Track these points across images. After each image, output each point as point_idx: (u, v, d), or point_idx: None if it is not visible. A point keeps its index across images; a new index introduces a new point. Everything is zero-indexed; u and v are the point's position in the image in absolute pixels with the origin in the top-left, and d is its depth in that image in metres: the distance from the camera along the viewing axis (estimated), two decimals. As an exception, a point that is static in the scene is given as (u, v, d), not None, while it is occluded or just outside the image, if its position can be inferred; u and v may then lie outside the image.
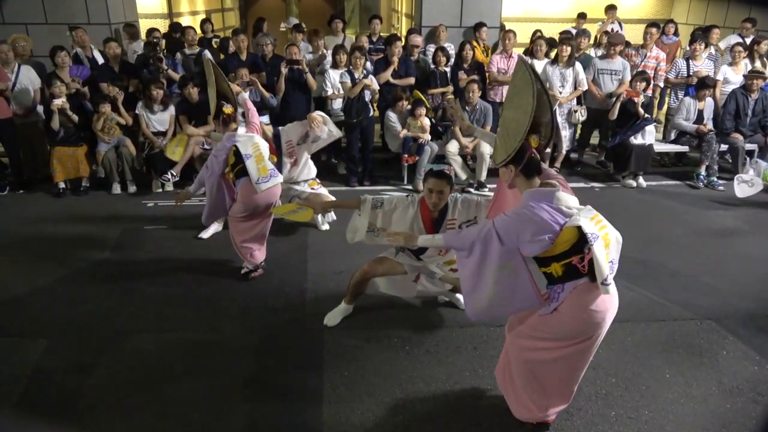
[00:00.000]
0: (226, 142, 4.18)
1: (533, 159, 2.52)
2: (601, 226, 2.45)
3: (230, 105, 4.19)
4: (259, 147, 4.20)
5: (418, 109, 6.36)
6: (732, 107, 6.74)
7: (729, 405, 3.13)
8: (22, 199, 6.18)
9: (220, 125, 4.23)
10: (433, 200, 3.37)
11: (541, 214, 2.45)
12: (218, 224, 5.24)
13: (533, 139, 2.51)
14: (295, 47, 6.54)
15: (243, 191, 4.22)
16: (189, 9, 12.78)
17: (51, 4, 7.60)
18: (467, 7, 7.96)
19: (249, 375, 3.33)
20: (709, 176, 6.71)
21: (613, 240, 2.46)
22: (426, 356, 3.51)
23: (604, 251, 2.40)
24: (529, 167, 2.52)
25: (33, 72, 6.34)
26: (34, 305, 4.04)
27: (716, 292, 4.29)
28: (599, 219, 2.49)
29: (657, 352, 3.57)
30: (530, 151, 2.51)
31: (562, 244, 2.47)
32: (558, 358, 2.67)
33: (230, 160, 4.18)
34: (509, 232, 2.51)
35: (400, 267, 3.70)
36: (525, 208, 2.48)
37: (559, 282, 2.58)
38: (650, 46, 7.21)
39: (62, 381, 3.26)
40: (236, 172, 4.20)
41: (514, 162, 2.54)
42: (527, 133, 2.45)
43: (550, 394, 2.80)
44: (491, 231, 2.53)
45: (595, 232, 2.40)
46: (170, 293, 4.22)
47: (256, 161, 4.15)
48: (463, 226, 3.45)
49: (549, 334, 2.66)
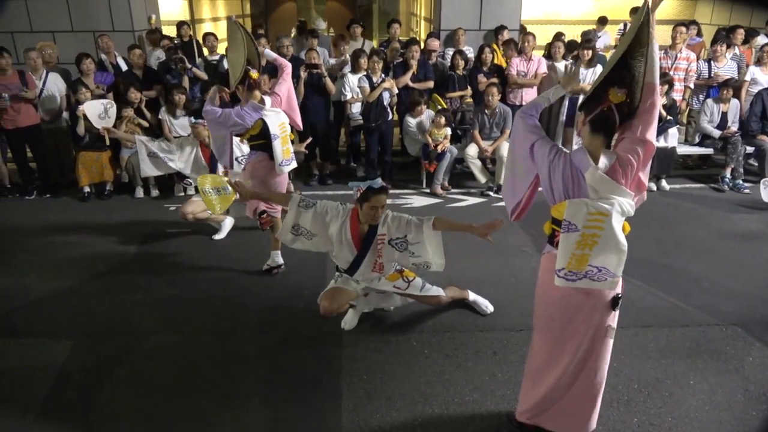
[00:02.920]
0: (251, 112, 4.03)
1: (604, 114, 2.33)
2: (594, 226, 2.28)
3: (257, 71, 4.08)
4: (285, 127, 4.13)
5: (440, 119, 6.35)
6: (759, 108, 6.60)
7: (755, 413, 3.06)
8: (49, 203, 6.32)
9: (245, 91, 4.08)
10: (375, 216, 3.36)
11: (563, 174, 2.40)
12: (230, 223, 5.28)
13: (614, 92, 2.31)
14: (314, 52, 6.59)
15: (256, 165, 4.15)
16: (210, 15, 12.95)
17: (77, 12, 7.77)
18: (486, 11, 7.93)
19: (268, 378, 3.36)
20: (734, 179, 6.58)
21: (601, 247, 2.30)
22: (445, 360, 3.50)
23: (572, 247, 2.31)
24: (596, 121, 2.35)
25: (60, 79, 6.50)
26: (59, 307, 4.12)
27: (741, 297, 4.20)
28: (602, 221, 2.29)
29: (680, 358, 3.51)
30: (606, 103, 2.32)
31: (557, 210, 2.45)
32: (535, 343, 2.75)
33: (253, 131, 4.08)
34: (540, 154, 2.50)
35: (352, 291, 3.64)
36: (563, 156, 2.44)
37: (548, 242, 2.60)
38: (680, 47, 7.02)
39: (85, 382, 3.32)
40: (252, 145, 4.11)
41: (584, 108, 2.42)
42: (610, 81, 2.31)
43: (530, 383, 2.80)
44: (535, 138, 2.53)
45: (574, 224, 2.29)
46: (191, 296, 4.27)
47: (282, 142, 4.08)
48: (393, 242, 3.46)
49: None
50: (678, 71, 6.94)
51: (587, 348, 2.57)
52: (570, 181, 2.41)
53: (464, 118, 6.90)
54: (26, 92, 6.03)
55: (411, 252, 3.47)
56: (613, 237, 2.30)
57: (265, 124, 4.08)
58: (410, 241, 3.44)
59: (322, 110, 6.70)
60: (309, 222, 3.48)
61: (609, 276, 2.35)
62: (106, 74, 6.78)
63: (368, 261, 3.53)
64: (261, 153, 4.19)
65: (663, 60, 7.01)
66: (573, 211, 2.31)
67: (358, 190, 3.38)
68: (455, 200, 6.28)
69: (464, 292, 4.00)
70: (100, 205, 6.21)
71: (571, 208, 2.31)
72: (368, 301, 3.83)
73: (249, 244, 5.01)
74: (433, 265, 3.46)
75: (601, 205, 2.31)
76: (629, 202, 2.37)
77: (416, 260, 3.50)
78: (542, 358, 2.71)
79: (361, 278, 3.61)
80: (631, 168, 2.36)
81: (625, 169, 2.36)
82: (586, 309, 2.51)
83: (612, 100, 2.31)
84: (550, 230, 2.57)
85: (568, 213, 2.30)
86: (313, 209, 3.48)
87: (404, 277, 3.72)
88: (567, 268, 2.35)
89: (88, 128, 6.15)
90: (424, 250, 3.43)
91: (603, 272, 2.34)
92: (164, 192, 6.44)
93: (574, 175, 2.40)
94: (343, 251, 3.53)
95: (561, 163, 2.43)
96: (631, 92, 2.33)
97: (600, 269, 2.33)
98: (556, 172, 2.44)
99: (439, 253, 3.43)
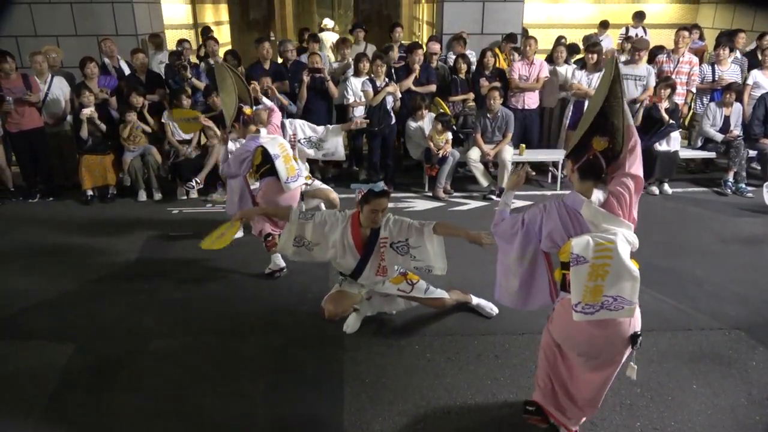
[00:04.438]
0: (249, 143, 4.21)
1: (590, 161, 2.44)
2: (603, 256, 2.31)
3: (249, 106, 4.24)
4: (285, 147, 4.28)
5: (437, 125, 6.35)
6: (761, 112, 6.59)
7: (758, 417, 3.05)
8: (52, 205, 6.34)
9: (240, 127, 4.28)
10: (376, 219, 3.37)
11: (560, 216, 2.46)
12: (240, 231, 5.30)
13: (597, 140, 2.42)
14: (317, 56, 6.61)
15: (266, 190, 4.29)
16: (214, 19, 13.00)
17: (80, 17, 7.82)
18: (489, 15, 7.95)
19: (270, 381, 3.36)
20: (737, 183, 6.57)
21: (614, 276, 2.31)
22: (447, 364, 3.49)
23: (584, 279, 2.32)
24: (584, 168, 2.46)
25: (65, 82, 6.54)
26: (63, 309, 4.13)
27: (745, 301, 4.19)
28: (609, 249, 2.30)
29: (683, 362, 3.50)
30: (591, 152, 2.43)
31: (564, 253, 2.46)
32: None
33: (256, 160, 4.22)
34: (534, 220, 2.58)
35: (356, 295, 3.66)
36: (554, 202, 2.51)
37: (562, 288, 2.60)
38: (683, 51, 7.00)
39: (89, 384, 3.33)
40: (261, 173, 4.25)
41: (571, 157, 2.52)
42: (593, 131, 2.40)
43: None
44: (521, 216, 2.63)
45: (584, 257, 2.31)
46: (194, 298, 4.27)
47: (284, 161, 4.22)
48: (394, 245, 3.46)
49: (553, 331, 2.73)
50: (680, 75, 6.92)
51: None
52: (569, 221, 2.48)
53: (466, 122, 6.90)
54: (30, 95, 6.05)
55: (412, 256, 3.48)
56: (623, 265, 2.32)
57: (265, 149, 4.24)
58: (412, 244, 3.45)
59: (325, 114, 6.71)
60: (310, 233, 3.52)
61: (626, 304, 2.36)
62: (109, 78, 6.81)
63: (372, 265, 3.53)
64: (269, 177, 4.35)
65: (665, 63, 7.03)
66: (579, 244, 2.34)
67: (359, 192, 3.39)
68: (457, 204, 6.29)
69: (467, 296, 4.00)
70: (103, 208, 6.23)
71: (577, 242, 2.35)
72: (371, 304, 3.84)
73: (252, 247, 5.01)
74: (435, 269, 3.48)
75: (606, 236, 2.36)
76: (631, 233, 2.42)
77: (418, 264, 3.51)
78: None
79: (365, 282, 3.62)
80: (624, 200, 2.45)
81: (620, 201, 2.45)
82: (609, 348, 2.56)
83: (596, 148, 2.43)
84: (561, 276, 2.57)
85: (575, 248, 2.33)
86: (312, 221, 3.52)
87: (408, 280, 3.72)
88: (583, 302, 2.36)
89: (91, 131, 6.17)
90: (425, 254, 3.44)
91: (619, 301, 2.35)
92: (167, 195, 6.46)
93: (571, 215, 2.48)
94: (347, 258, 3.55)
95: (555, 208, 2.52)
96: (612, 138, 2.44)
97: (615, 298, 2.35)
98: (553, 218, 2.51)
99: (441, 257, 3.45)
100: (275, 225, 4.51)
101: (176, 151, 6.41)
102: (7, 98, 5.93)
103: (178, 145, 6.41)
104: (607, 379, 2.66)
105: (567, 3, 11.55)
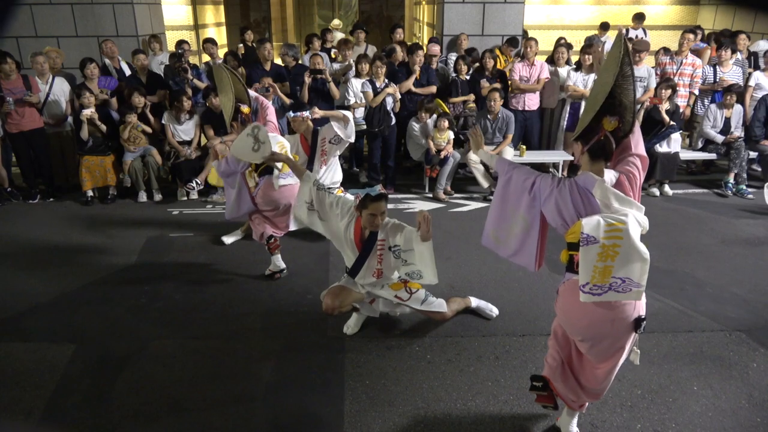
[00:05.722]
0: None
1: (601, 142, 2.44)
2: (613, 236, 2.28)
3: (247, 105, 4.25)
4: (284, 146, 4.28)
5: (442, 123, 6.36)
6: (762, 114, 6.59)
7: (759, 419, 3.05)
8: (52, 206, 6.33)
9: (239, 126, 4.30)
10: (375, 223, 3.37)
11: (571, 195, 2.45)
12: (240, 233, 5.30)
13: (607, 120, 2.42)
14: (319, 57, 6.62)
15: (265, 188, 4.34)
16: (214, 21, 13.01)
17: (81, 18, 7.82)
18: (489, 16, 7.95)
19: (271, 382, 3.35)
20: (737, 184, 6.57)
21: (623, 257, 2.30)
22: (447, 365, 3.49)
23: (594, 259, 2.30)
24: (595, 149, 2.46)
25: (66, 83, 6.54)
26: (63, 311, 4.13)
27: (745, 302, 4.19)
28: (620, 230, 2.29)
29: (684, 363, 3.50)
30: (601, 132, 2.44)
31: (572, 234, 2.44)
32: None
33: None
34: (544, 190, 2.56)
35: (356, 292, 3.65)
36: (567, 181, 2.51)
37: (567, 270, 2.59)
38: (686, 53, 7.02)
39: (89, 386, 3.32)
40: (260, 171, 4.27)
41: (581, 139, 2.51)
42: (602, 112, 2.40)
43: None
44: (534, 177, 2.60)
45: (594, 237, 2.28)
46: (194, 299, 4.27)
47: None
48: (392, 249, 3.47)
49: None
50: (683, 77, 6.94)
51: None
52: (580, 202, 2.47)
53: (467, 123, 6.91)
54: (30, 96, 6.05)
55: (403, 260, 3.48)
56: (634, 246, 2.30)
57: None
58: (403, 247, 3.45)
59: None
60: (321, 206, 3.57)
61: (634, 286, 2.34)
62: (109, 79, 6.80)
63: (368, 266, 3.54)
64: (267, 176, 4.39)
65: (669, 65, 7.03)
66: (590, 224, 2.32)
67: (357, 197, 3.38)
68: (458, 205, 6.29)
69: (466, 300, 3.98)
70: (103, 210, 6.23)
71: (588, 222, 2.33)
72: (374, 307, 3.83)
73: (252, 249, 5.01)
74: (425, 277, 3.45)
75: (617, 217, 2.34)
76: (641, 215, 2.40)
77: (408, 269, 3.50)
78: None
79: (362, 281, 3.62)
80: (635, 180, 2.47)
81: (631, 182, 2.46)
82: (612, 333, 2.54)
83: (606, 128, 2.43)
84: (567, 257, 2.55)
85: (586, 227, 2.31)
86: (326, 196, 3.55)
87: (407, 288, 3.68)
88: (591, 282, 2.33)
89: (91, 132, 6.17)
90: (414, 258, 3.44)
91: (627, 283, 2.34)
92: (167, 196, 6.45)
93: (582, 195, 2.46)
94: (346, 250, 3.62)
95: (567, 187, 2.50)
96: (621, 117, 2.45)
97: (624, 280, 2.33)
98: (564, 197, 2.49)
99: (430, 265, 3.39)
100: (275, 227, 4.52)
101: (176, 152, 6.41)
102: (7, 99, 5.94)
103: (179, 146, 6.41)
104: (613, 368, 2.65)
105: (567, 4, 11.56)
